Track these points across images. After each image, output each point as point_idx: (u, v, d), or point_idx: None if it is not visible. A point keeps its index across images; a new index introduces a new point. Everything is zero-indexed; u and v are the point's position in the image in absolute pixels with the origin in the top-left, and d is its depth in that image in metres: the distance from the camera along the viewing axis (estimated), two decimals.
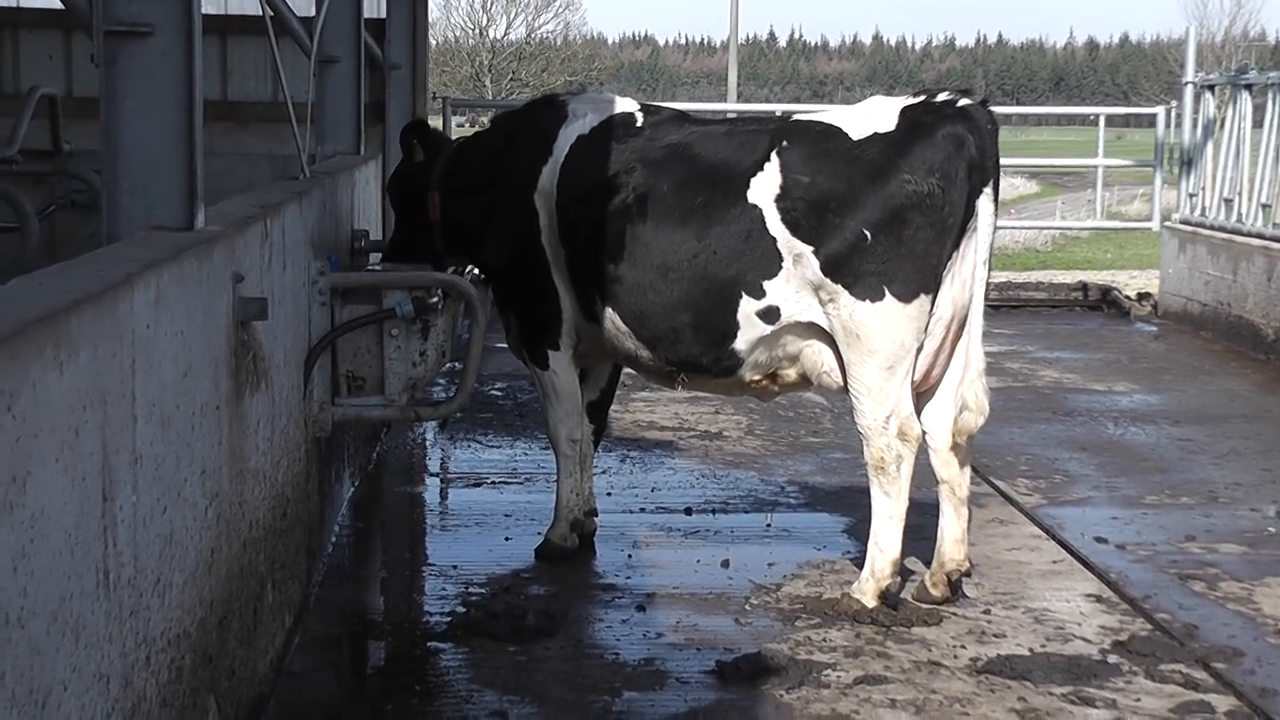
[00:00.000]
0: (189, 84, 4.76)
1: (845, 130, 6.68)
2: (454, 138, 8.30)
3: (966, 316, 6.70)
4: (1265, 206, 14.14)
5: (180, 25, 4.72)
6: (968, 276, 6.65)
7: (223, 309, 4.79)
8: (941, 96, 6.73)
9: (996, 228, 6.77)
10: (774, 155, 6.71)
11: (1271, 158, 14.14)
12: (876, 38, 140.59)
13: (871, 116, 6.72)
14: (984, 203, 6.64)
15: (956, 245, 6.61)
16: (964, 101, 6.67)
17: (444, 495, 8.83)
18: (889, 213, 6.52)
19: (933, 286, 6.57)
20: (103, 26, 4.68)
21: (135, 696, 3.64)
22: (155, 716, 3.83)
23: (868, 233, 6.52)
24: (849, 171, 6.59)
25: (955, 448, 6.77)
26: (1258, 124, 14.53)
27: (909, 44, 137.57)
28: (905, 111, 6.67)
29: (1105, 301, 16.64)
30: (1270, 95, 14.35)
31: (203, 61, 4.87)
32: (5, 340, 2.78)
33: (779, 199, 6.66)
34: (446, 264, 7.71)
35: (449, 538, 7.87)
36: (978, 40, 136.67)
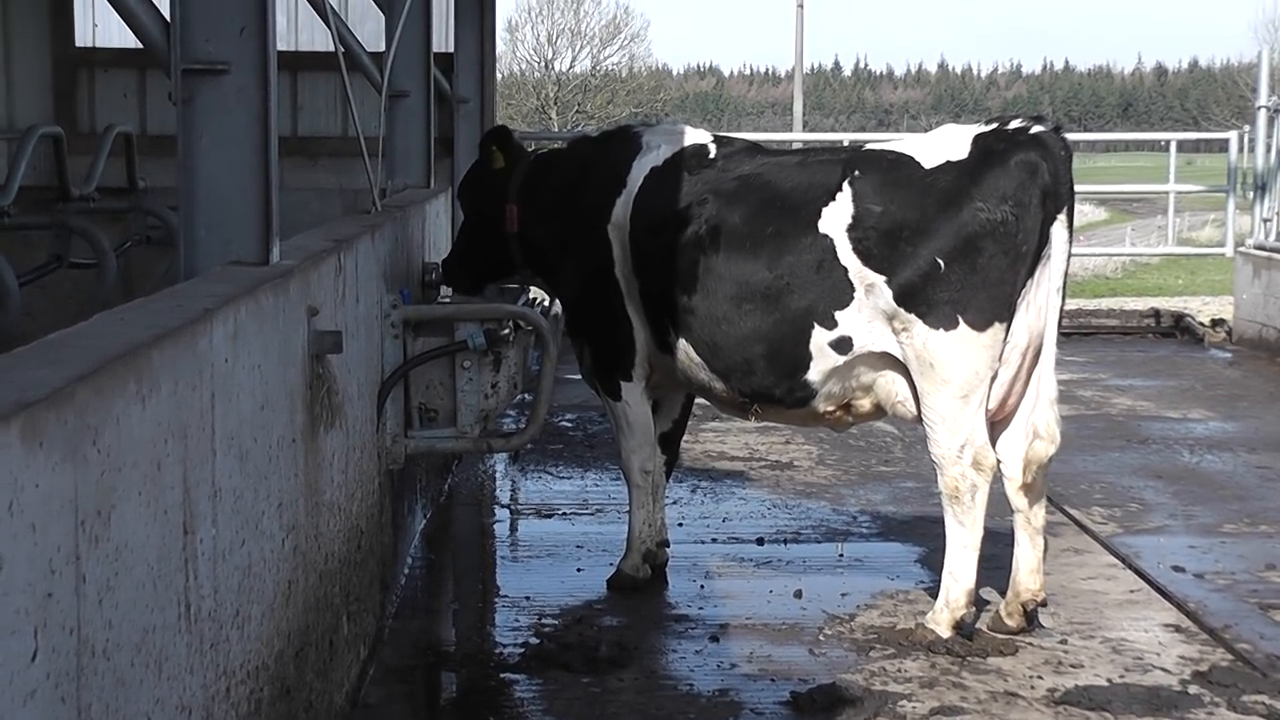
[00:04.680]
0: (264, 121, 4.80)
1: (917, 159, 6.67)
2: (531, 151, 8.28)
3: (1041, 344, 6.68)
4: None
5: (255, 63, 4.76)
6: (1042, 304, 6.62)
7: (298, 342, 4.82)
8: (1014, 123, 6.70)
9: (1071, 255, 6.73)
10: (846, 185, 6.69)
11: None
12: (942, 65, 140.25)
13: (944, 145, 6.70)
14: (1058, 230, 6.60)
15: (1031, 273, 6.57)
16: (1037, 128, 6.64)
17: (515, 526, 8.84)
18: (962, 241, 6.50)
19: (1007, 315, 6.54)
20: (180, 65, 4.72)
21: None
22: None
23: (941, 261, 6.50)
24: (921, 200, 6.57)
25: (1029, 479, 6.73)
26: None
27: (975, 71, 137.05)
28: (978, 139, 6.65)
29: (1178, 328, 16.51)
30: None
31: (275, 98, 4.91)
32: (89, 376, 2.80)
33: (851, 228, 6.64)
34: (520, 277, 7.74)
35: (521, 569, 7.87)
36: (1044, 67, 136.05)
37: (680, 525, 8.33)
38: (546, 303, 7.89)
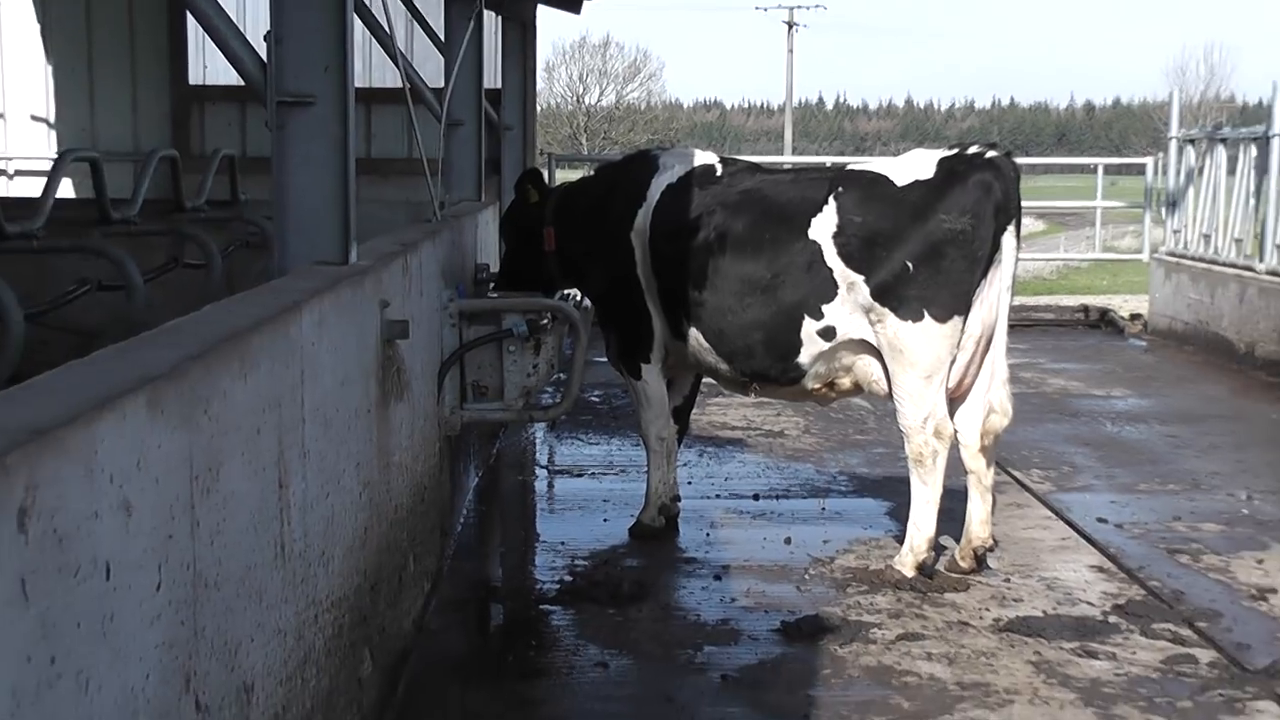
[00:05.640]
0: (343, 145, 4.80)
1: (891, 178, 6.66)
2: (559, 184, 8.31)
3: (993, 334, 6.68)
4: (1238, 241, 14.06)
5: (337, 96, 4.77)
6: (994, 301, 6.62)
7: (372, 329, 4.83)
8: (972, 149, 6.69)
9: (1018, 260, 6.72)
10: (831, 199, 6.69)
11: (1242, 201, 14.04)
12: (908, 101, 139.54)
13: (913, 166, 6.69)
14: (1008, 239, 6.60)
15: (985, 274, 6.57)
16: (991, 153, 6.64)
17: (552, 484, 8.84)
18: (928, 247, 6.49)
19: (965, 309, 6.53)
20: (275, 98, 4.73)
21: (307, 648, 3.68)
22: (323, 665, 3.87)
23: (910, 264, 6.50)
24: (895, 212, 6.56)
25: (984, 446, 6.74)
26: (1230, 172, 14.41)
27: (936, 106, 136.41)
28: (942, 162, 6.65)
29: (1103, 321, 16.48)
30: (1241, 148, 14.27)
31: (353, 125, 4.92)
32: (201, 356, 2.81)
33: (836, 235, 6.64)
34: (558, 287, 7.74)
35: (557, 519, 7.88)
36: (993, 103, 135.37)
37: (689, 483, 8.33)
38: (578, 297, 7.90)
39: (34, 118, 14.71)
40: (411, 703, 5.14)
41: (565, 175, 16.94)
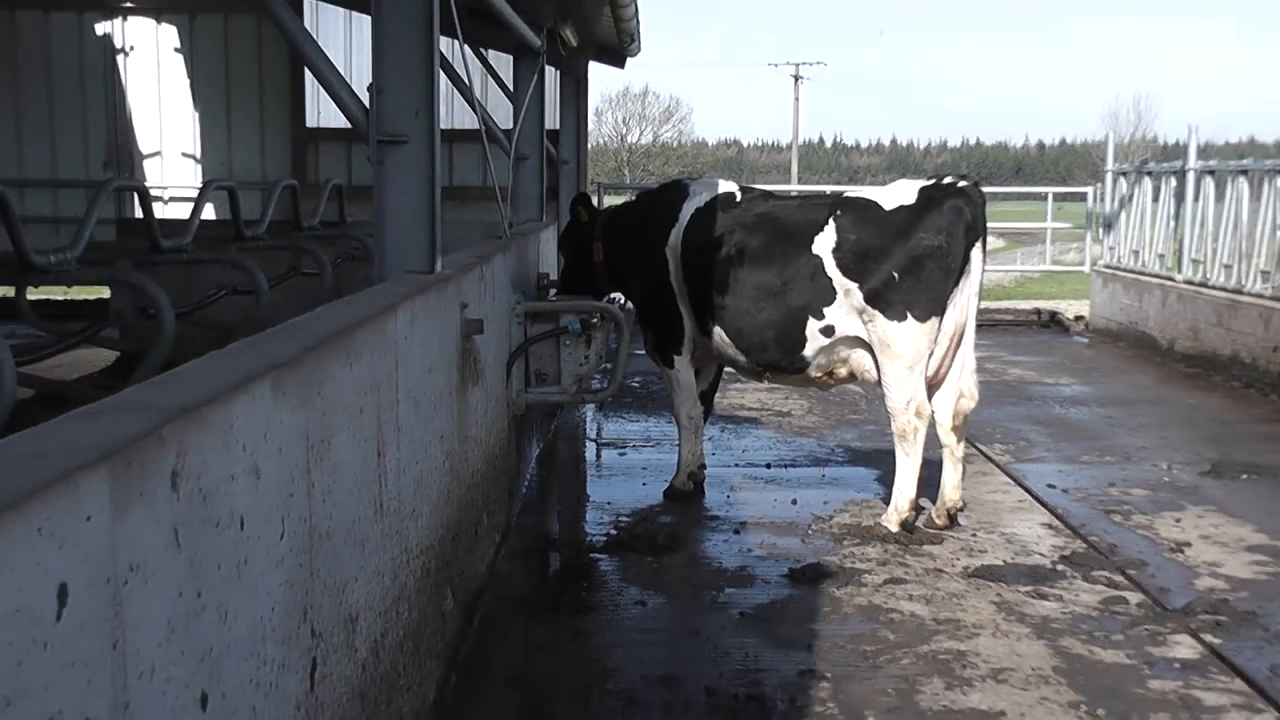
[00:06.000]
0: (431, 176, 4.82)
1: (880, 203, 6.63)
2: (605, 207, 8.31)
3: (963, 332, 6.64)
4: (1160, 256, 14.03)
5: (426, 136, 4.79)
6: (964, 304, 6.58)
7: (454, 326, 4.85)
8: (947, 179, 6.66)
9: (984, 270, 6.68)
10: (831, 220, 6.67)
11: (1164, 223, 14.03)
12: (893, 140, 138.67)
13: (898, 193, 6.66)
14: (976, 253, 6.56)
15: (957, 283, 6.54)
16: (962, 183, 6.62)
17: (599, 454, 8.84)
18: (911, 260, 6.46)
19: (941, 311, 6.50)
20: (376, 138, 4.75)
21: (400, 587, 3.69)
22: (413, 601, 3.89)
23: (896, 274, 6.47)
24: (883, 231, 6.53)
25: (956, 424, 6.71)
26: (1155, 200, 14.39)
27: (915, 144, 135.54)
28: (922, 190, 6.61)
29: (1052, 321, 16.33)
30: (1163, 180, 14.24)
31: (439, 159, 4.93)
32: (315, 348, 2.83)
33: (834, 250, 6.62)
34: (605, 292, 7.73)
35: (603, 483, 7.88)
36: (962, 142, 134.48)
37: (713, 454, 8.32)
38: (622, 300, 7.90)
39: (184, 154, 14.83)
40: (485, 633, 5.16)
41: (611, 200, 16.97)
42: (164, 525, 1.91)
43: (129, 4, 14.27)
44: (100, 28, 14.35)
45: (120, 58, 14.41)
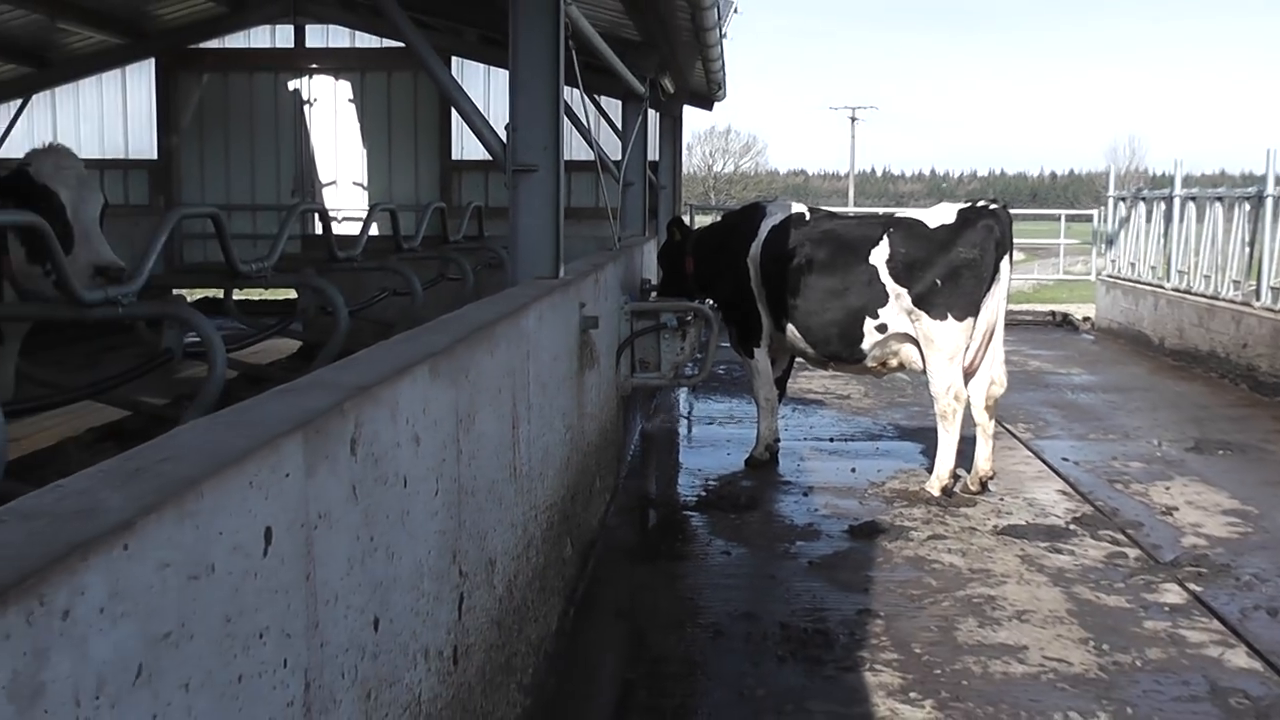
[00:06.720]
0: (556, 198, 4.84)
1: (925, 222, 6.53)
2: (696, 227, 8.26)
3: (994, 330, 6.50)
4: (1152, 267, 13.84)
5: (552, 166, 4.81)
6: (995, 307, 6.45)
7: (574, 322, 4.86)
8: (980, 203, 6.55)
9: (1010, 279, 6.54)
10: (885, 237, 6.57)
11: (1155, 240, 13.85)
12: (932, 171, 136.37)
13: (940, 214, 6.55)
14: (1004, 265, 6.44)
15: (989, 289, 6.40)
16: (994, 206, 6.51)
17: (691, 429, 8.83)
18: (951, 270, 6.35)
19: (975, 312, 6.38)
20: (511, 167, 4.79)
21: (529, 537, 3.71)
22: (539, 548, 3.91)
23: (939, 281, 6.35)
24: (928, 246, 6.43)
25: (987, 406, 6.57)
26: (1148, 221, 14.13)
27: (951, 174, 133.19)
28: (960, 212, 6.50)
29: (1064, 322, 16.04)
30: (1154, 205, 14.05)
31: (563, 185, 4.96)
32: (463, 339, 2.85)
33: (888, 261, 6.52)
34: (696, 296, 7.72)
35: (694, 453, 7.87)
36: (989, 172, 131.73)
37: (785, 430, 8.24)
38: (711, 302, 7.86)
39: (354, 183, 15.09)
40: (597, 575, 5.18)
41: (701, 218, 16.90)
42: (344, 482, 1.93)
43: (314, 66, 14.60)
44: (291, 84, 14.71)
45: (306, 107, 14.73)
